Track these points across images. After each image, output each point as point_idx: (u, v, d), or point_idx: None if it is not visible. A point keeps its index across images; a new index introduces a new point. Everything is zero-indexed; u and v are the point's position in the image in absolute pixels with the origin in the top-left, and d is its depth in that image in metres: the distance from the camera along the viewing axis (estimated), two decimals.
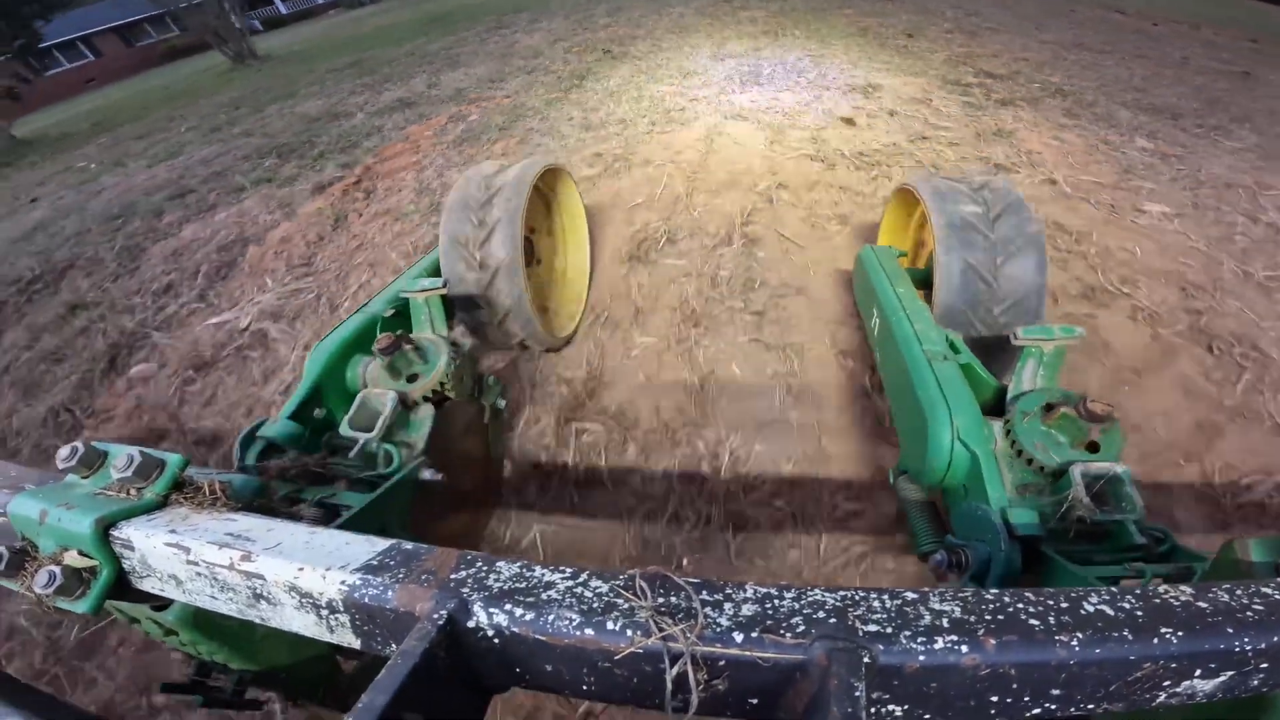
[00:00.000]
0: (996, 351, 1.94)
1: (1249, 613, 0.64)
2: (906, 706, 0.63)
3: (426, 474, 1.54)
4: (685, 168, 4.09)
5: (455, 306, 2.29)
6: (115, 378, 3.48)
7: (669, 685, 0.61)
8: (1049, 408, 1.43)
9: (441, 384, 1.77)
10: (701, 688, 0.61)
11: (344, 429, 1.56)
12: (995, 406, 1.60)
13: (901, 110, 4.79)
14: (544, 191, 3.00)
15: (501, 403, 2.22)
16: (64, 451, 0.95)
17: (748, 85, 5.56)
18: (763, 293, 2.98)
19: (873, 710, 0.62)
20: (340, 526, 1.23)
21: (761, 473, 2.22)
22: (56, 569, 0.85)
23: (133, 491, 0.94)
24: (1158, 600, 0.66)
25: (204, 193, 5.87)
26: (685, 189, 3.86)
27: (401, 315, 2.06)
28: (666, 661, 0.61)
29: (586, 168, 4.26)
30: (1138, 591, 0.68)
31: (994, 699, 0.62)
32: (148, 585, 0.91)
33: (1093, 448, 1.37)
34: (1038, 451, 1.38)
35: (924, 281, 2.15)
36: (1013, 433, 1.44)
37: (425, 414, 1.70)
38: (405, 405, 1.69)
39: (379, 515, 1.37)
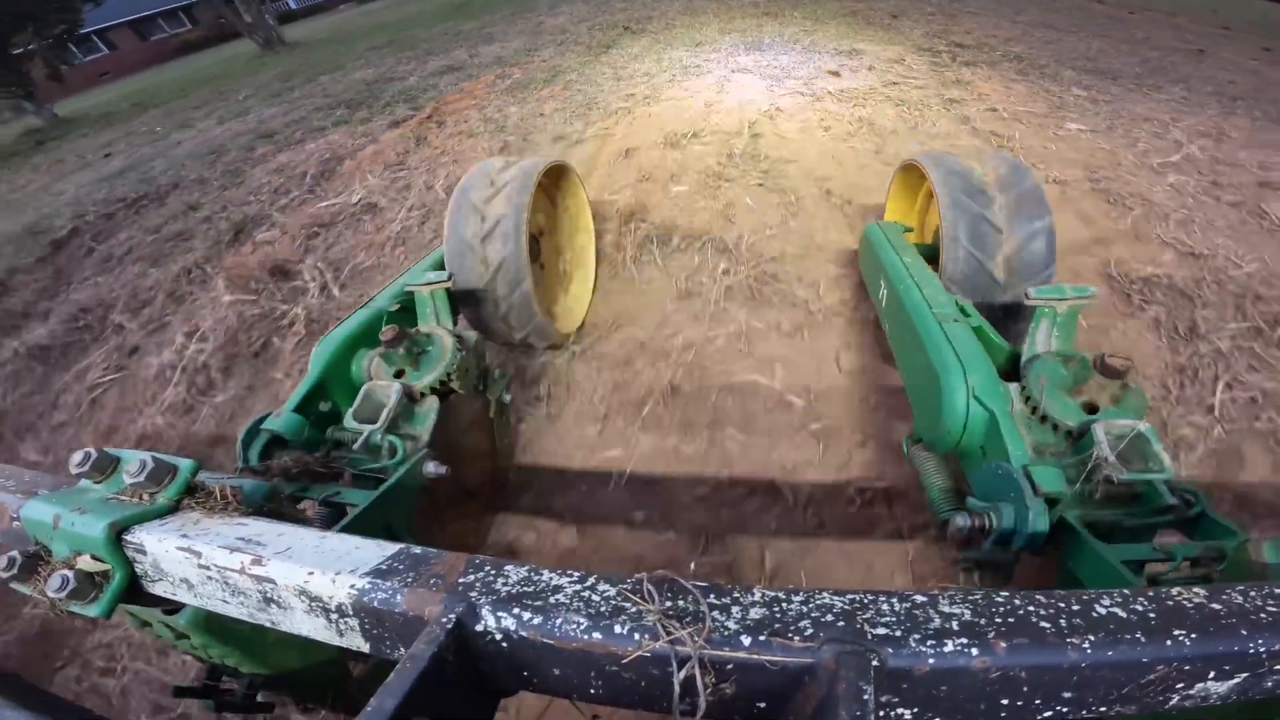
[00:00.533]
0: (1007, 322, 1.92)
1: (1263, 614, 0.64)
2: (916, 710, 0.62)
3: (430, 466, 1.53)
4: (703, 99, 5.07)
5: (459, 302, 2.30)
6: (241, 245, 4.30)
7: (677, 689, 0.61)
8: (1065, 368, 1.38)
9: (446, 376, 1.77)
10: (709, 691, 0.61)
11: (348, 421, 1.56)
12: (1009, 372, 1.55)
13: (879, 67, 5.69)
14: (549, 190, 3.01)
15: (507, 397, 2.22)
16: (77, 457, 0.96)
17: (751, 51, 6.46)
18: (765, 163, 3.97)
19: (882, 714, 0.62)
20: (346, 526, 1.24)
21: (768, 253, 3.21)
22: (70, 573, 0.86)
23: (145, 496, 0.95)
24: (1170, 602, 0.66)
25: (288, 134, 6.81)
26: (703, 111, 4.83)
27: (407, 310, 2.07)
28: (674, 665, 0.61)
29: (621, 102, 5.29)
30: (1150, 594, 0.67)
31: (1004, 702, 0.61)
32: (160, 589, 0.92)
33: (1112, 407, 1.32)
34: (1056, 411, 1.33)
35: (931, 257, 2.14)
36: (1029, 393, 1.39)
37: (430, 406, 1.70)
38: (410, 398, 1.69)
39: (384, 512, 1.37)
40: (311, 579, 0.77)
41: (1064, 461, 1.27)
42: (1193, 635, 0.61)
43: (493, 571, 0.74)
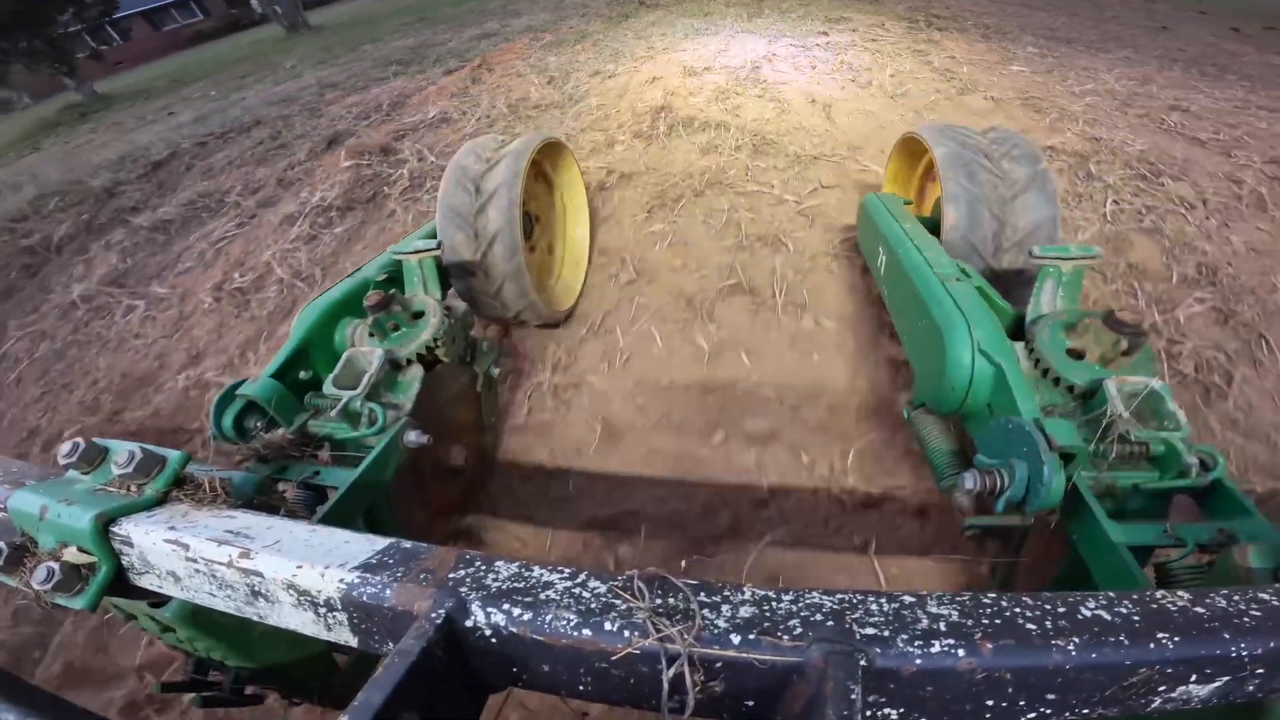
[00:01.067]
0: (1009, 291, 1.89)
1: (1246, 618, 0.64)
2: (902, 710, 0.63)
3: (412, 435, 1.48)
4: (713, 48, 6.14)
5: (451, 277, 2.27)
6: (332, 153, 5.20)
7: (666, 686, 0.61)
8: (1072, 326, 1.35)
9: (433, 343, 1.72)
10: (698, 689, 0.61)
11: (327, 387, 1.51)
12: (1014, 334, 1.51)
13: (861, 29, 6.58)
14: (545, 170, 2.97)
15: (496, 370, 2.16)
16: (65, 447, 0.96)
17: (753, 19, 7.53)
18: (763, 86, 4.96)
19: (869, 713, 0.62)
20: (329, 511, 1.23)
21: (765, 131, 4.19)
22: (55, 565, 0.85)
23: (133, 488, 0.94)
24: (1155, 605, 0.66)
25: (351, 84, 7.88)
26: (714, 55, 5.86)
27: (395, 281, 2.02)
28: (664, 663, 0.61)
29: (644, 52, 6.41)
30: (1134, 596, 0.68)
31: (989, 703, 0.62)
32: (146, 582, 0.91)
33: (1123, 365, 1.27)
34: (1065, 370, 1.27)
35: (932, 229, 2.10)
36: (1036, 352, 1.34)
37: (414, 374, 1.65)
38: (393, 366, 1.64)
39: (367, 491, 1.34)
40: (300, 573, 0.76)
41: (1075, 422, 1.21)
42: (1176, 638, 0.62)
43: (483, 567, 0.74)
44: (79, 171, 6.58)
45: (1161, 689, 0.62)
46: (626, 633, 0.63)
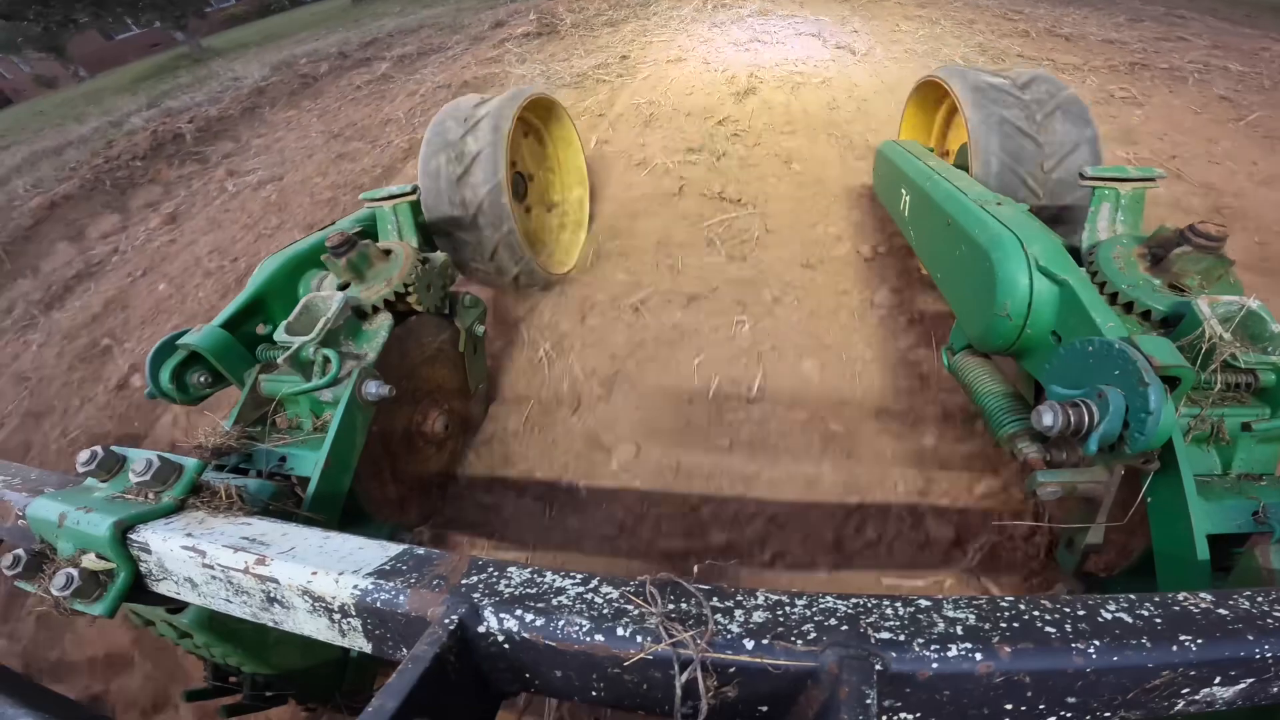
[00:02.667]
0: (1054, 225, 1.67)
1: (1270, 619, 0.63)
2: (919, 714, 0.62)
3: (371, 386, 1.33)
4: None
5: (435, 236, 2.14)
6: (501, 28, 8.12)
7: (679, 692, 0.60)
8: (1140, 245, 1.17)
9: (404, 288, 1.55)
10: (711, 695, 0.61)
11: (279, 334, 1.37)
12: None
13: None
14: (536, 126, 2.84)
15: (480, 329, 1.97)
16: (83, 455, 0.97)
17: None
18: (778, 24, 6.40)
19: (884, 719, 0.62)
20: (311, 501, 1.20)
21: (773, 73, 5.16)
22: (74, 571, 0.86)
23: (151, 495, 0.96)
24: (1177, 608, 0.65)
25: (473, 13, 10.18)
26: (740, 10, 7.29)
27: (369, 236, 1.86)
28: (676, 668, 0.61)
29: (676, 14, 7.58)
30: (1156, 599, 0.67)
31: (1008, 707, 0.61)
32: (164, 588, 0.92)
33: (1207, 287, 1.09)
34: (1141, 294, 1.07)
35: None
36: (1100, 274, 1.15)
37: (381, 323, 1.49)
38: (358, 314, 1.48)
39: (340, 462, 1.25)
40: (315, 579, 0.77)
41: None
42: (1199, 641, 0.61)
43: (496, 573, 0.74)
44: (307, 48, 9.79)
45: (1184, 692, 0.61)
46: (639, 638, 0.63)
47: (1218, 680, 0.61)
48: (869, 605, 0.66)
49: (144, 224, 4.83)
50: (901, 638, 0.62)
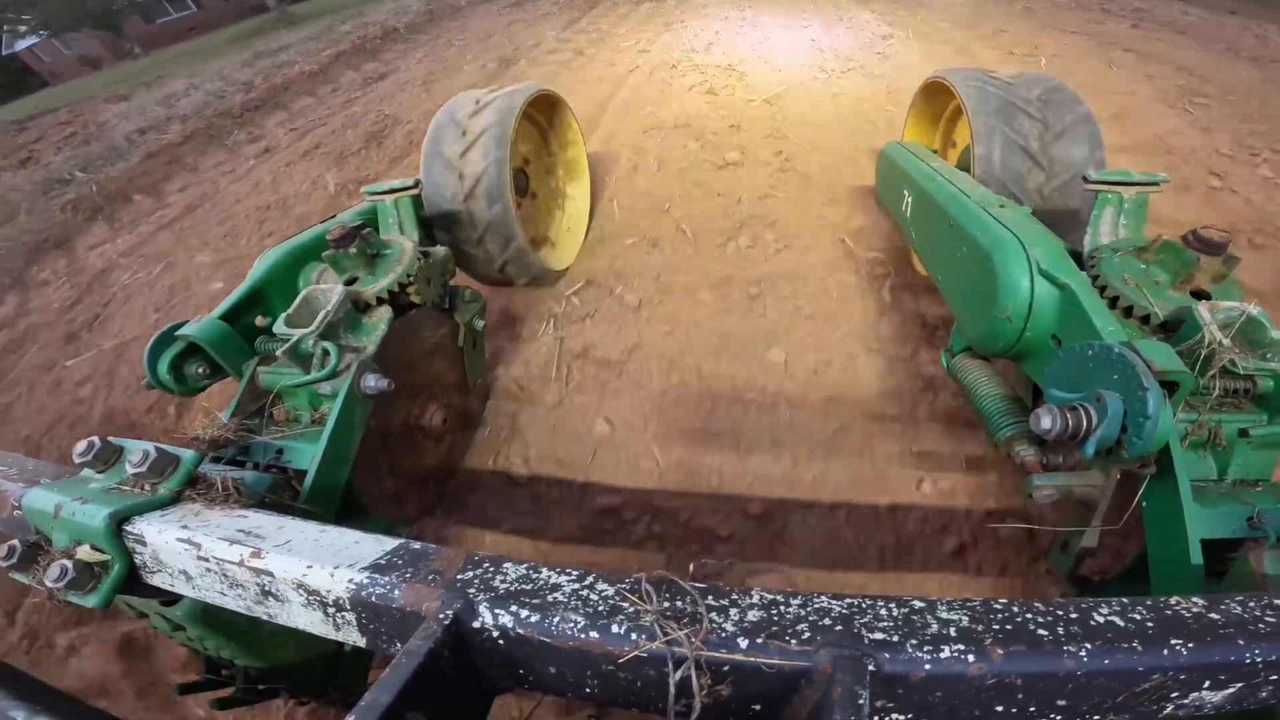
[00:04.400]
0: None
1: (1261, 625, 0.64)
2: (910, 715, 0.62)
3: (370, 380, 1.33)
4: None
5: (435, 228, 2.14)
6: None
7: (672, 690, 0.61)
8: (1143, 250, 1.17)
9: (407, 279, 1.56)
10: (705, 693, 0.61)
11: (278, 326, 1.37)
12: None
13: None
14: (540, 123, 2.84)
15: (480, 323, 1.97)
16: (80, 446, 0.97)
17: None
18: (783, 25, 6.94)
19: (876, 719, 0.62)
20: (308, 495, 1.20)
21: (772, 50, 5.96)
22: (69, 563, 0.86)
23: (147, 487, 0.95)
24: (1169, 612, 0.66)
25: None
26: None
27: (370, 229, 1.83)
28: (670, 666, 0.61)
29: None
30: (1148, 603, 0.67)
31: (999, 709, 0.61)
32: (158, 580, 0.92)
33: (1200, 294, 1.11)
34: (1143, 298, 1.07)
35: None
36: (1101, 278, 1.15)
37: (380, 316, 1.49)
38: (358, 306, 1.49)
39: (338, 455, 1.25)
40: (310, 572, 0.77)
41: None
42: (1189, 645, 0.61)
43: (491, 568, 0.74)
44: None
45: (1174, 695, 0.62)
46: (634, 635, 0.63)
47: (1207, 684, 0.61)
48: (863, 605, 0.66)
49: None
50: (895, 638, 0.62)
